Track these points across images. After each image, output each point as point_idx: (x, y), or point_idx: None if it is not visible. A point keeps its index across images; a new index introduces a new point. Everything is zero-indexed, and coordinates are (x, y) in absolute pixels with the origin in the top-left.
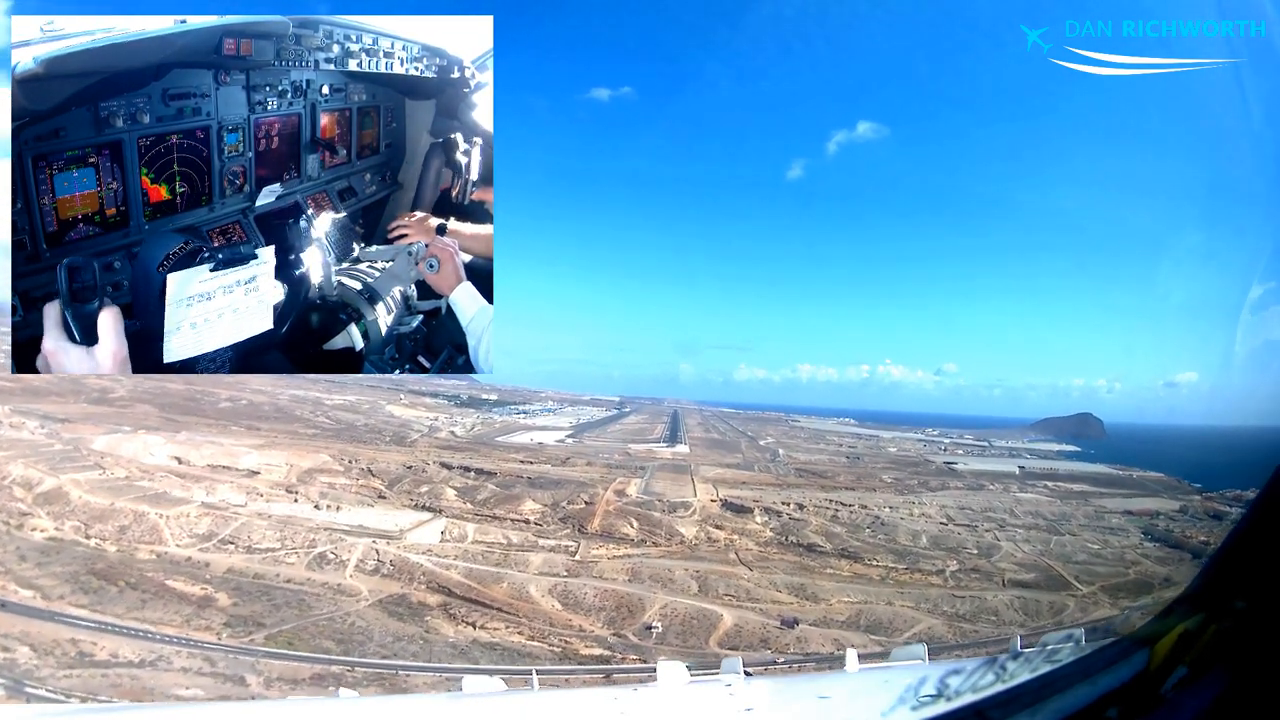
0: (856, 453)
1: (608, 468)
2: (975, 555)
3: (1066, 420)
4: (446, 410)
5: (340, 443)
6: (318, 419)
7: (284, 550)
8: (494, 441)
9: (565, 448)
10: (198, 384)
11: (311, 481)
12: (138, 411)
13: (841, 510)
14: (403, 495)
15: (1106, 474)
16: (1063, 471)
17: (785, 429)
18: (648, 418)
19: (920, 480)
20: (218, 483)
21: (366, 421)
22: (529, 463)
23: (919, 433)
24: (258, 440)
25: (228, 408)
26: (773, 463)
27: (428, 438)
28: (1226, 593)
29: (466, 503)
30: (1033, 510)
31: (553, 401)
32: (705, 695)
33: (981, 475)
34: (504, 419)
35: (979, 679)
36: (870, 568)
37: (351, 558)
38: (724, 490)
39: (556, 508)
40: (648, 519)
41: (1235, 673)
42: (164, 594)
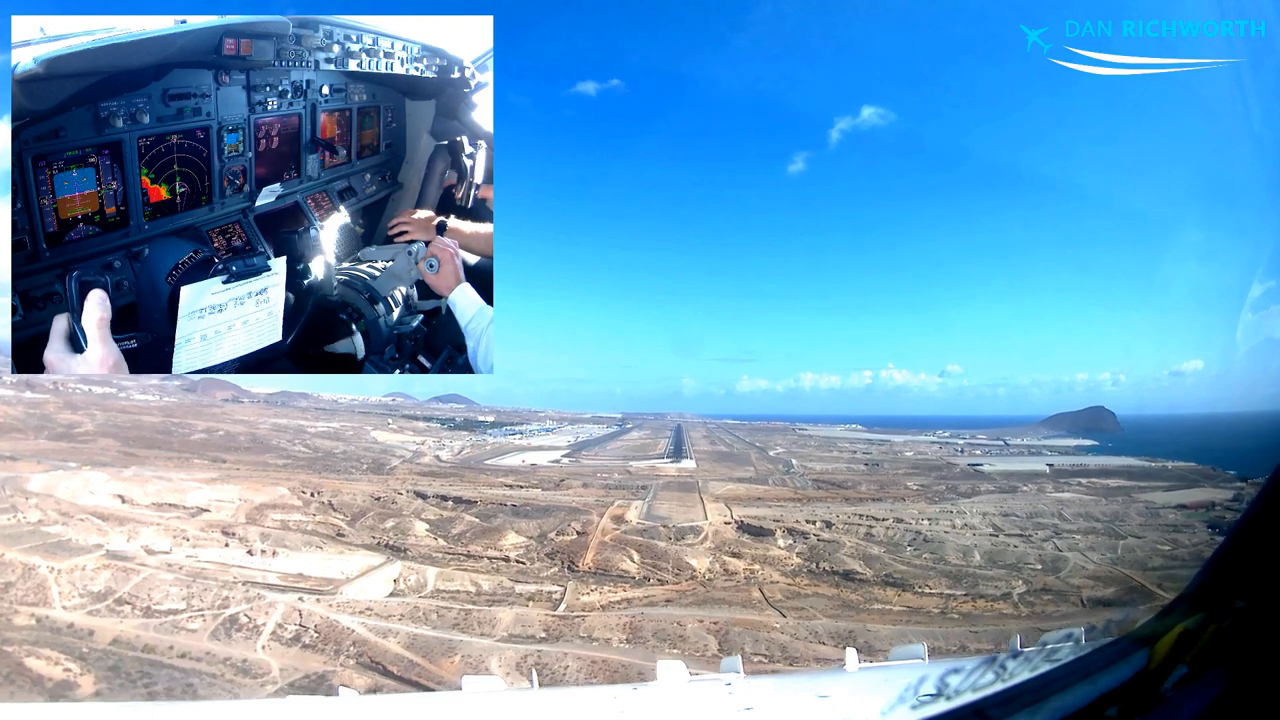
0: (873, 459)
1: (606, 489)
2: (1041, 571)
3: (1079, 415)
4: (436, 434)
5: (309, 473)
6: (294, 448)
7: (189, 612)
8: (482, 465)
9: (560, 468)
10: (175, 415)
11: (261, 519)
12: (98, 446)
13: (875, 526)
14: (364, 532)
15: (1138, 467)
16: (1092, 467)
17: (793, 438)
18: (650, 433)
19: (948, 485)
20: (146, 525)
21: (346, 449)
22: (517, 487)
23: (930, 435)
24: (214, 474)
25: (200, 439)
26: (788, 474)
27: (409, 464)
28: (1226, 592)
29: (438, 538)
30: (1081, 512)
31: (552, 420)
32: (705, 694)
33: (1011, 476)
34: (497, 441)
35: (979, 678)
36: (924, 597)
37: (270, 621)
38: (738, 509)
39: (543, 540)
40: (651, 550)
41: (1235, 672)
42: (17, 676)
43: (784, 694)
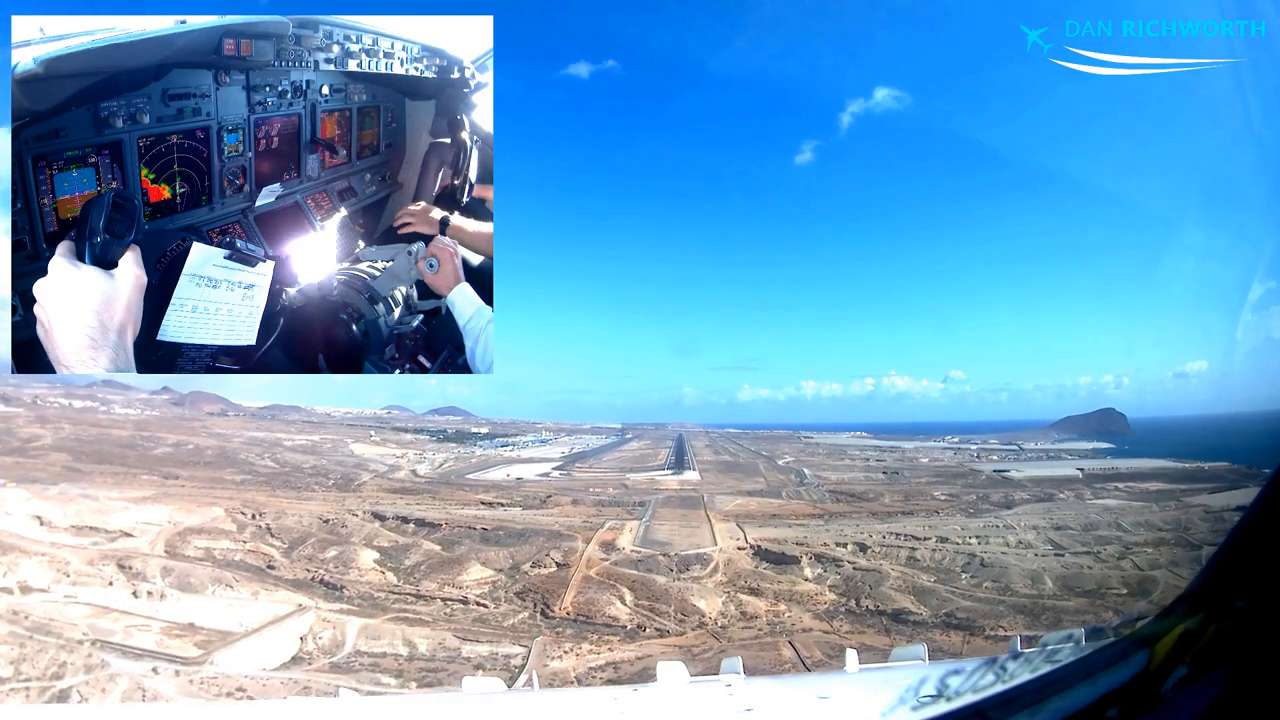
0: (888, 467)
1: (597, 507)
2: (1128, 596)
3: (1089, 417)
4: (421, 446)
5: (263, 491)
6: (261, 462)
7: (14, 683)
8: (462, 480)
9: (548, 483)
10: (150, 429)
11: (182, 547)
12: (46, 461)
13: (918, 547)
14: (299, 564)
15: (1171, 468)
16: (1124, 470)
17: (800, 446)
18: (650, 442)
19: (979, 494)
20: (31, 556)
21: (318, 463)
22: (496, 505)
23: (940, 441)
24: (152, 492)
25: (164, 454)
26: (802, 486)
27: (381, 479)
28: (1226, 593)
29: (385, 572)
30: (1139, 520)
31: (549, 432)
32: (705, 695)
33: (1042, 482)
34: (485, 453)
35: (979, 679)
36: (1000, 643)
37: (112, 697)
38: (753, 530)
39: (514, 573)
40: (647, 587)
41: (1235, 673)
42: None
43: (784, 695)
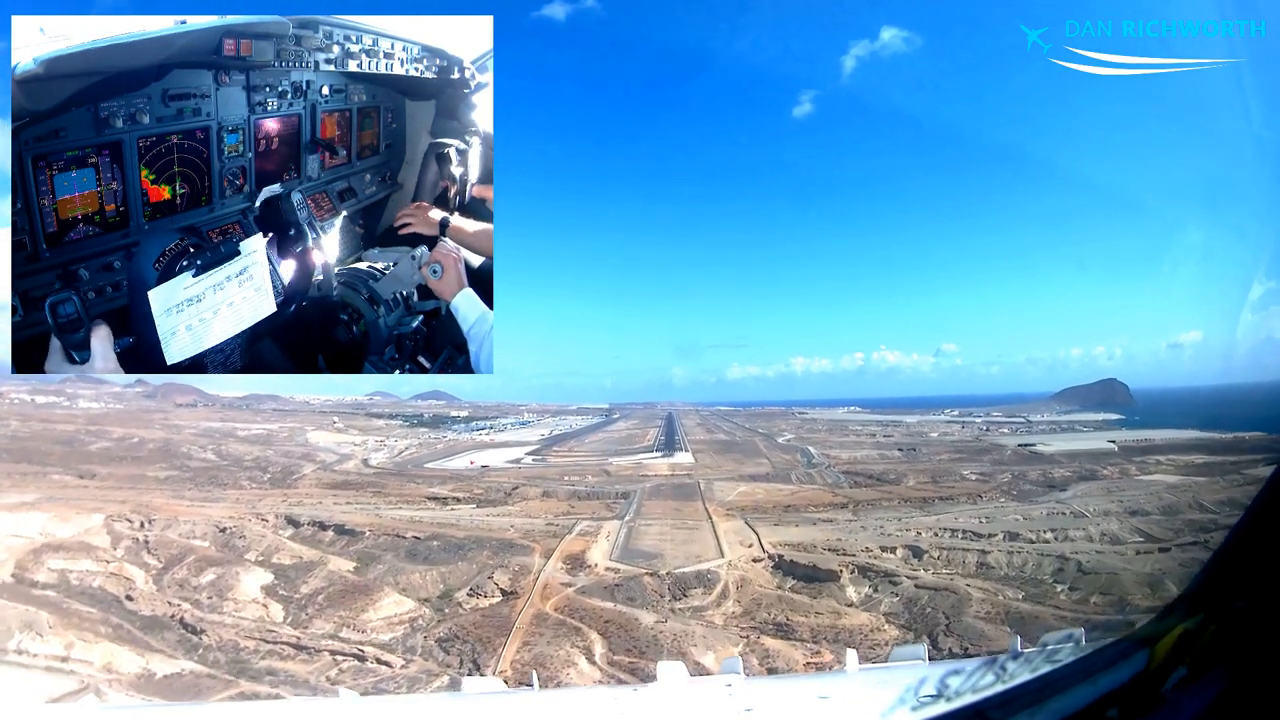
0: (900, 443)
1: (570, 501)
2: None
3: (1090, 388)
4: (389, 433)
5: (174, 491)
6: (200, 455)
7: None
8: (419, 470)
9: (518, 470)
10: (102, 423)
11: (34, 569)
12: None
13: (987, 549)
14: (167, 591)
15: (1210, 440)
16: (1159, 441)
17: (796, 422)
18: (638, 422)
19: (1014, 472)
20: None
21: (261, 454)
22: (449, 502)
23: (941, 414)
24: (41, 495)
25: (98, 449)
26: (811, 467)
27: (325, 471)
28: (1226, 593)
29: (271, 604)
30: (1221, 498)
31: (531, 414)
32: (705, 695)
33: (1077, 457)
34: (455, 438)
35: (979, 679)
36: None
37: None
38: (767, 530)
39: (442, 607)
40: (626, 630)
41: (1235, 673)
42: None
43: (784, 695)
